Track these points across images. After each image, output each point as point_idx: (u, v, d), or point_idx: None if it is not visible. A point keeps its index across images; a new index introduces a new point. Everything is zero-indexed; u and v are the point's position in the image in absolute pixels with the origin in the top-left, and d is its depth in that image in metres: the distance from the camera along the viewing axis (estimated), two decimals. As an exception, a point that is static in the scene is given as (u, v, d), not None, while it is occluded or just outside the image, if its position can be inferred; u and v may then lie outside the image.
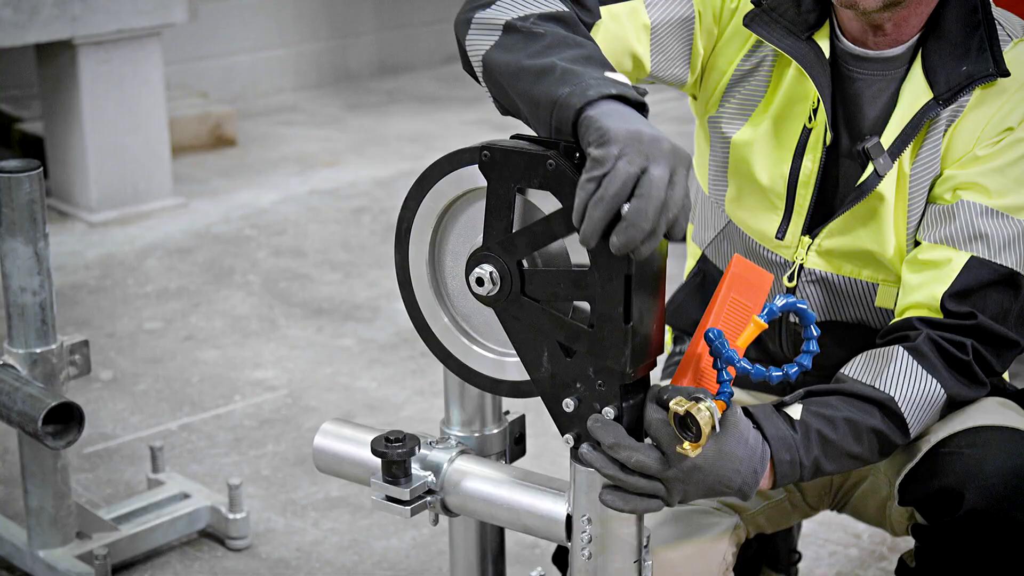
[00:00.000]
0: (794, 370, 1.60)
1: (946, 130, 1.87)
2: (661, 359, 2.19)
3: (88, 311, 4.11)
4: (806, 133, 1.92)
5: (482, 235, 1.62)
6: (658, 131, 1.51)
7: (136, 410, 3.51)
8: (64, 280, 4.29)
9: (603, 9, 1.86)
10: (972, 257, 1.82)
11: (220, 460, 3.27)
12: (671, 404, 1.57)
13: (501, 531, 1.90)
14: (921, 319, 1.82)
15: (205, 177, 5.30)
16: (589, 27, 1.82)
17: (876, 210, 1.90)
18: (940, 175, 1.88)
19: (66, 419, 2.42)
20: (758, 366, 1.60)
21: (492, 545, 1.90)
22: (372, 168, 5.40)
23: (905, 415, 1.78)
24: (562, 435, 1.63)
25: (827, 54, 1.91)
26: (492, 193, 1.60)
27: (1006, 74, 1.85)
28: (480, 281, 1.62)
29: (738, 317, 1.64)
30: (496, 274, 1.62)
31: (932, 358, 1.79)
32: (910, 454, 1.86)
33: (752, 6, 1.94)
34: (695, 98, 2.04)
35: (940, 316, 1.82)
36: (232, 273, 4.41)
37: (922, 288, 1.84)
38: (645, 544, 1.68)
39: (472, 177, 1.63)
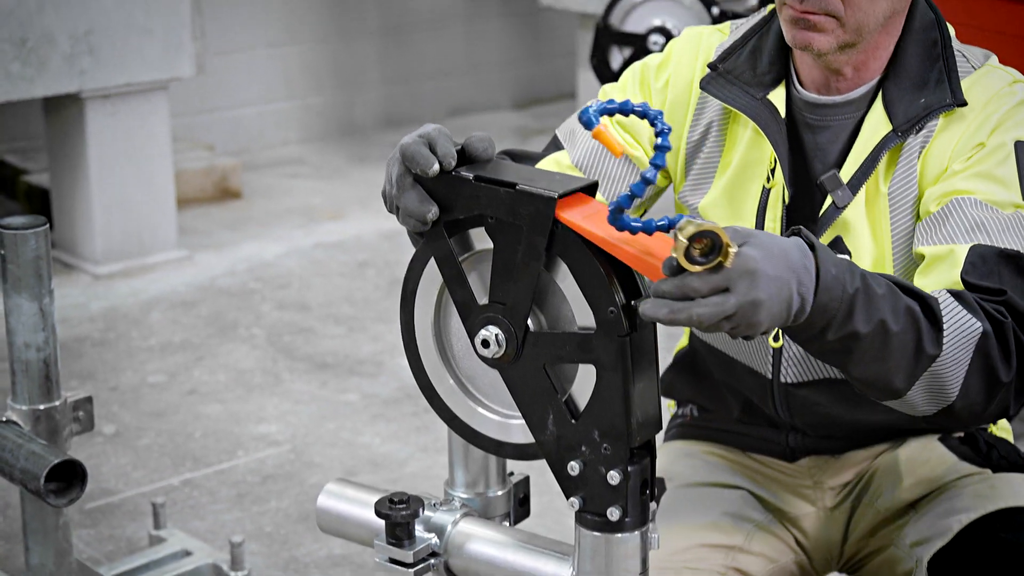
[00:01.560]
0: (651, 173, 1.48)
1: (920, 153, 1.86)
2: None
3: (92, 364, 4.10)
4: (765, 193, 1.92)
5: (487, 295, 1.63)
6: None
7: (139, 465, 3.50)
8: (68, 333, 4.29)
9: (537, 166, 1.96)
10: (975, 244, 1.75)
11: (222, 516, 3.26)
12: (674, 251, 1.44)
13: (505, 593, 1.88)
14: (952, 289, 1.71)
15: (210, 230, 5.31)
16: None
17: (849, 245, 1.88)
18: (920, 196, 1.86)
19: (69, 476, 2.41)
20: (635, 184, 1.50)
21: (496, 608, 1.88)
22: (377, 221, 5.41)
23: (944, 321, 1.64)
24: (567, 498, 1.62)
25: (783, 112, 1.91)
26: (498, 256, 1.60)
27: (963, 104, 1.85)
28: (486, 343, 1.62)
29: (600, 217, 1.56)
30: (502, 336, 1.61)
31: (974, 305, 1.67)
32: (940, 531, 1.83)
33: (707, 71, 1.96)
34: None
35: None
36: (236, 326, 4.41)
37: (937, 282, 1.75)
38: (650, 609, 1.66)
39: (477, 239, 1.63)
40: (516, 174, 1.60)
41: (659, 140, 1.46)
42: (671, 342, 2.25)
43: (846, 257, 1.60)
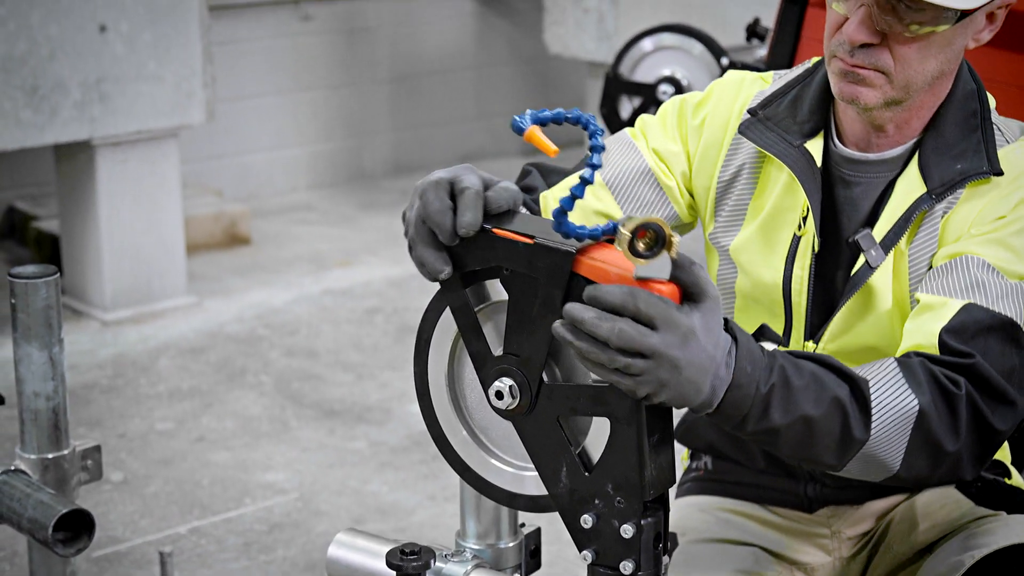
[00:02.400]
0: (588, 173, 1.49)
1: (942, 216, 1.87)
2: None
3: (100, 411, 4.10)
4: (796, 241, 1.93)
5: (502, 346, 1.62)
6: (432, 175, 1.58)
7: (146, 513, 3.49)
8: (77, 379, 4.29)
9: (556, 187, 1.99)
10: (970, 303, 1.75)
11: (229, 565, 3.24)
12: (618, 246, 1.42)
13: (516, 647, 1.87)
14: (919, 353, 1.72)
15: (219, 276, 5.32)
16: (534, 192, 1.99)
17: (872, 304, 1.88)
18: (935, 254, 1.87)
19: (77, 526, 2.40)
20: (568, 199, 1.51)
21: (507, 661, 1.86)
22: (385, 268, 5.41)
23: (873, 405, 1.64)
24: (580, 551, 1.61)
25: (819, 162, 1.91)
26: (514, 308, 1.60)
27: (999, 173, 1.85)
28: (500, 394, 1.61)
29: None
30: (516, 388, 1.61)
31: (920, 376, 1.67)
32: (953, 567, 1.82)
33: (745, 115, 1.96)
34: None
35: (938, 353, 1.72)
36: (244, 373, 4.41)
37: (919, 330, 1.76)
38: (663, 664, 1.65)
39: (492, 290, 1.63)
40: (535, 227, 1.60)
41: (592, 141, 1.48)
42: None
43: (772, 346, 1.60)
